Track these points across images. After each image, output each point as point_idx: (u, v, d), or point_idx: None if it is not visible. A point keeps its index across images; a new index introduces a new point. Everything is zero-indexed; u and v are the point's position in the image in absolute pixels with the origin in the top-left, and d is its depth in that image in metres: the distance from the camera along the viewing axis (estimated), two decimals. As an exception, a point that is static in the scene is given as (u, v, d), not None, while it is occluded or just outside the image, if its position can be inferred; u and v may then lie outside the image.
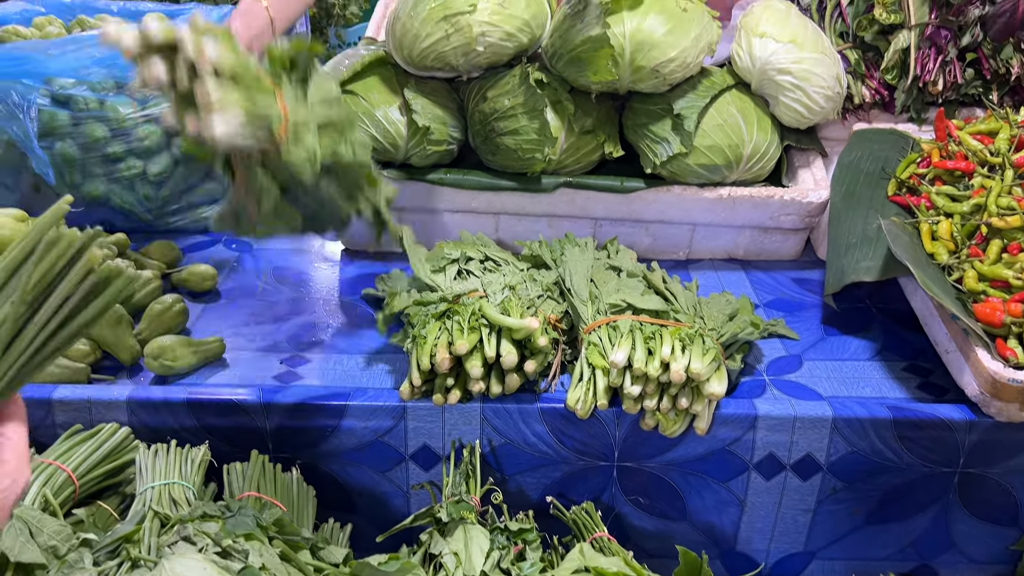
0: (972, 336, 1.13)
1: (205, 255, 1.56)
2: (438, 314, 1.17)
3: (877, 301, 1.43)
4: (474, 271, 1.29)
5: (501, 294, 1.20)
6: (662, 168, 1.45)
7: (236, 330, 1.35)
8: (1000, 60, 1.49)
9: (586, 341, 1.17)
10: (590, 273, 1.30)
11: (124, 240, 1.41)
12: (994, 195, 1.25)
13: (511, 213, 1.52)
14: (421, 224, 1.54)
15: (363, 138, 1.18)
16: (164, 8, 1.75)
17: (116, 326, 1.23)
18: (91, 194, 1.52)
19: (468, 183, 1.47)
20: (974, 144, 1.34)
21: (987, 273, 1.20)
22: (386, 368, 1.27)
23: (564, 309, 1.25)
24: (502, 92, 1.41)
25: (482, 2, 1.34)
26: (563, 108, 1.42)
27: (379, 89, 1.44)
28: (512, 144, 1.42)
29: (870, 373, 1.27)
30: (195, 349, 1.23)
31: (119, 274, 0.70)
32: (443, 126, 1.44)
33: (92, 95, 1.45)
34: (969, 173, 1.33)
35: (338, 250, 1.60)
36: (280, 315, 1.40)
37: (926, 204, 1.33)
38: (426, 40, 1.36)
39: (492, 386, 1.12)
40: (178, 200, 1.58)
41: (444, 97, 1.47)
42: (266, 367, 1.26)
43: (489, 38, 1.36)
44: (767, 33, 1.42)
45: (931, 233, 1.30)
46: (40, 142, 1.43)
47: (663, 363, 1.08)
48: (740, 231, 1.53)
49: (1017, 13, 1.42)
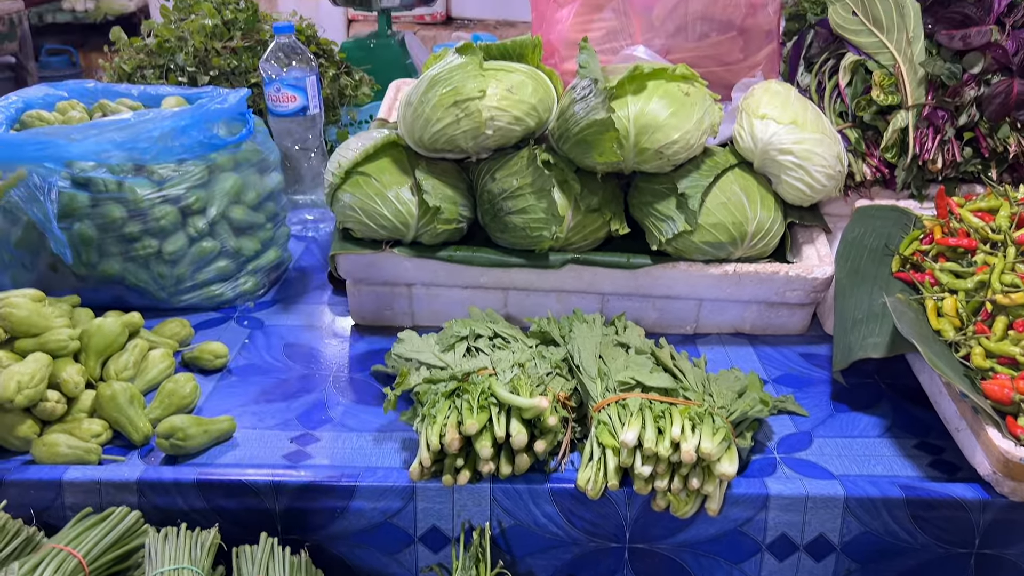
0: (982, 414, 1.13)
1: (217, 332, 1.58)
2: (447, 392, 1.17)
3: (886, 377, 1.44)
4: (483, 348, 1.31)
5: (510, 372, 1.20)
6: (668, 245, 1.47)
7: (247, 408, 1.36)
8: (997, 139, 1.52)
9: (596, 419, 1.17)
10: (598, 350, 1.31)
11: (139, 320, 1.43)
12: (997, 272, 1.26)
13: (520, 289, 1.54)
14: (431, 300, 1.56)
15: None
16: (183, 92, 1.81)
17: (128, 406, 1.24)
18: (106, 272, 1.54)
19: (478, 260, 1.50)
20: (976, 221, 1.36)
21: (994, 350, 1.20)
22: (396, 446, 1.27)
23: (573, 386, 1.26)
24: (510, 172, 1.45)
25: (491, 88, 1.39)
26: (570, 187, 1.46)
27: (391, 170, 1.47)
28: (520, 222, 1.45)
29: (881, 450, 1.26)
30: (206, 428, 1.23)
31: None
32: (453, 205, 1.47)
33: (111, 177, 1.49)
34: (972, 250, 1.35)
35: (348, 325, 1.62)
36: (290, 392, 1.41)
37: (930, 281, 1.35)
38: (437, 124, 1.40)
39: (502, 466, 1.12)
40: (191, 278, 1.60)
41: (454, 177, 1.51)
42: (276, 446, 1.27)
43: (498, 122, 1.40)
44: (768, 115, 1.46)
45: (936, 310, 1.31)
46: (59, 223, 1.47)
47: (673, 443, 1.08)
48: (747, 306, 1.54)
49: (1012, 94, 1.46)
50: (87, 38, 6.63)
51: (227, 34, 2.12)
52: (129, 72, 2.11)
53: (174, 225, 1.55)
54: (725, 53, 1.70)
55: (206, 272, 1.62)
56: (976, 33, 1.48)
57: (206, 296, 1.64)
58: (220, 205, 1.60)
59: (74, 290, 1.53)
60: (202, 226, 1.57)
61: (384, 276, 1.54)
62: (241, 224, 1.65)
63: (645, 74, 1.40)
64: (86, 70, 6.38)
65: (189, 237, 1.58)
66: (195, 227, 1.57)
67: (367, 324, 1.61)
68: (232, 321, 1.63)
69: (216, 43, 2.10)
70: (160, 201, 1.52)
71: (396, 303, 1.57)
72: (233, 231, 1.64)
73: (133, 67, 2.11)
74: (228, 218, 1.62)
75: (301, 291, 1.76)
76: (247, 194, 1.65)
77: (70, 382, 1.24)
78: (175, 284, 1.59)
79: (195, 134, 1.56)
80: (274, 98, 1.89)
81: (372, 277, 1.54)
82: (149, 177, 1.52)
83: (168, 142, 1.53)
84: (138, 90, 1.82)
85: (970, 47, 1.50)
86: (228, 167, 1.61)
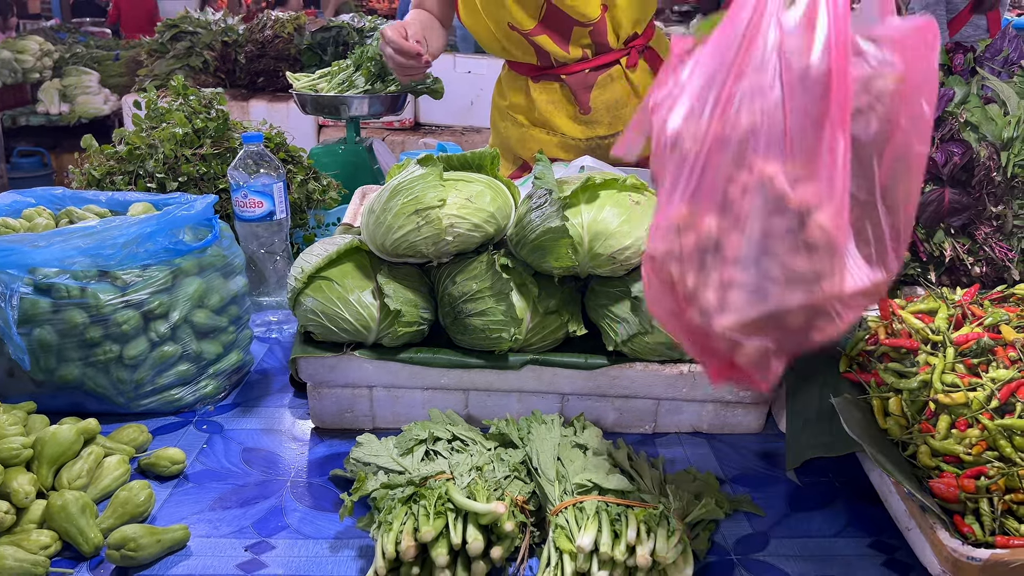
0: (929, 513, 1.15)
1: (175, 437, 1.57)
2: (404, 498, 1.17)
3: (839, 475, 1.46)
4: (442, 452, 1.31)
5: (468, 476, 1.21)
6: (623, 346, 1.51)
7: (202, 515, 1.34)
8: (933, 244, 1.60)
9: (553, 523, 1.17)
10: (556, 451, 1.33)
11: (95, 427, 1.41)
12: (938, 372, 1.31)
13: (481, 389, 1.55)
14: (392, 402, 1.57)
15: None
16: (150, 198, 1.84)
17: (80, 516, 1.22)
18: (65, 378, 1.54)
19: (438, 361, 1.52)
20: (916, 323, 1.42)
21: (939, 448, 1.24)
22: (352, 554, 1.25)
23: (531, 489, 1.26)
24: (470, 276, 1.49)
25: (451, 197, 1.45)
26: (528, 290, 1.50)
27: (353, 275, 1.51)
28: (480, 324, 1.48)
29: (836, 549, 1.27)
30: (159, 538, 1.21)
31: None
32: (414, 308, 1.50)
33: (75, 283, 1.50)
34: (914, 350, 1.40)
35: (309, 428, 1.61)
36: (247, 499, 1.39)
37: (876, 381, 1.39)
38: (399, 231, 1.45)
39: (458, 574, 1.11)
40: (151, 382, 1.60)
41: (415, 281, 1.54)
42: (231, 555, 1.25)
43: (457, 229, 1.45)
44: (716, 221, 1.52)
45: (883, 409, 1.35)
46: (19, 329, 1.47)
47: (629, 546, 1.09)
48: (703, 405, 1.57)
49: (944, 203, 1.55)
50: (59, 140, 6.72)
51: (197, 142, 2.18)
52: (99, 178, 2.15)
53: (136, 330, 1.55)
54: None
55: (166, 376, 1.62)
56: (907, 146, 1.57)
57: (166, 400, 1.63)
58: (183, 309, 1.61)
59: (31, 396, 1.52)
60: (164, 330, 1.58)
61: (345, 379, 1.55)
62: (204, 328, 1.66)
63: (597, 184, 1.47)
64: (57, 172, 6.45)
65: (151, 341, 1.58)
66: (157, 331, 1.58)
67: (327, 427, 1.61)
68: (191, 426, 1.62)
69: (186, 150, 2.15)
70: (123, 306, 1.53)
71: (357, 405, 1.58)
72: (195, 335, 1.65)
73: (103, 173, 2.15)
74: (190, 322, 1.64)
75: (262, 394, 1.76)
76: (211, 298, 1.66)
77: (20, 492, 1.22)
78: (135, 389, 1.59)
79: (161, 240, 1.59)
80: (241, 204, 1.93)
81: (333, 380, 1.55)
82: (112, 282, 1.54)
83: (133, 248, 1.55)
84: (106, 196, 1.85)
85: (902, 158, 1.59)
86: (193, 271, 1.64)
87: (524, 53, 2.22)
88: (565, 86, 2.25)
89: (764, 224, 0.95)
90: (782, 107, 0.96)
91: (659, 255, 1.01)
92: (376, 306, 1.49)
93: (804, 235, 0.94)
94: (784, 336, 0.98)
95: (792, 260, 0.95)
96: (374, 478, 1.27)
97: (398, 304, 1.47)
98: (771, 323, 0.97)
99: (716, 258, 0.97)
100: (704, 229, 0.97)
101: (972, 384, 1.28)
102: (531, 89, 2.28)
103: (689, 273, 0.99)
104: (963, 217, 1.57)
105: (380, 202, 1.47)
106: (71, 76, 6.83)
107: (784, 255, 0.95)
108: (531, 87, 2.28)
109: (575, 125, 2.29)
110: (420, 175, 1.46)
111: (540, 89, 2.28)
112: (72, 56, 6.99)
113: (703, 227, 0.97)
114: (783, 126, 0.95)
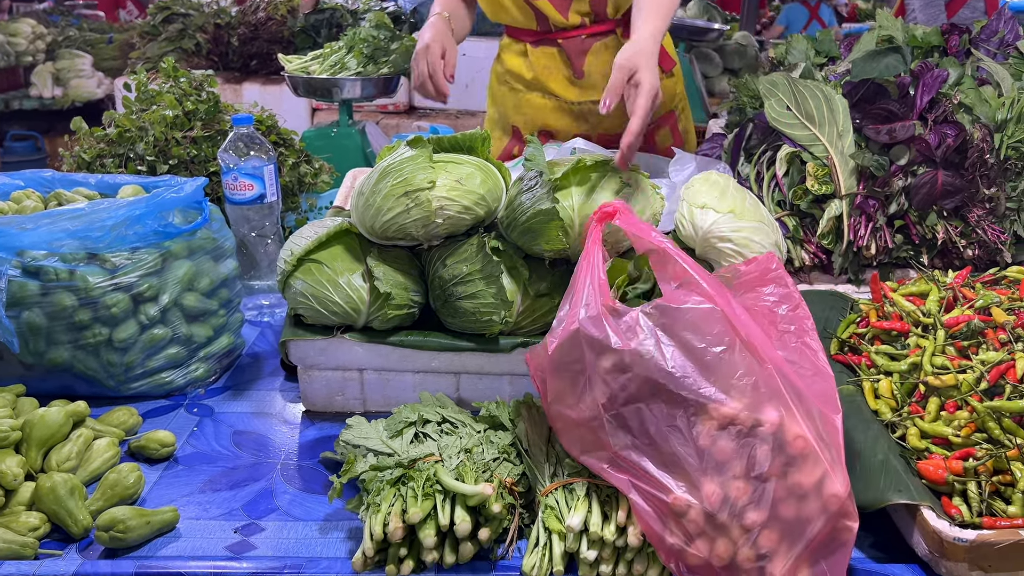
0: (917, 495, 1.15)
1: (166, 420, 1.57)
2: (392, 480, 1.17)
3: (829, 457, 1.46)
4: (431, 434, 1.31)
5: (456, 458, 1.21)
6: (615, 329, 1.50)
7: (192, 497, 1.34)
8: (926, 226, 1.60)
9: (543, 504, 1.17)
10: (548, 433, 1.32)
11: (84, 410, 1.41)
12: (928, 355, 1.31)
13: (472, 372, 1.55)
14: (382, 385, 1.56)
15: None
16: (140, 180, 1.83)
17: (68, 498, 1.21)
18: (54, 361, 1.53)
19: (429, 344, 1.52)
20: (907, 306, 1.42)
21: (928, 430, 1.24)
22: (341, 536, 1.25)
23: (521, 471, 1.26)
24: (460, 259, 1.48)
25: (440, 179, 1.44)
26: (518, 273, 1.49)
27: (343, 257, 1.50)
28: (471, 307, 1.47)
29: (825, 532, 1.27)
30: (148, 519, 1.21)
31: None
32: (404, 291, 1.50)
33: (63, 265, 1.49)
34: (905, 333, 1.40)
35: (299, 411, 1.61)
36: (237, 481, 1.39)
37: (867, 363, 1.39)
38: (388, 214, 1.44)
39: (446, 555, 1.11)
40: (141, 365, 1.60)
41: (405, 263, 1.54)
42: (220, 536, 1.25)
43: (447, 211, 1.45)
44: (707, 204, 1.52)
45: (873, 391, 1.35)
46: (8, 311, 1.46)
47: (619, 527, 1.09)
48: (694, 388, 1.57)
49: (937, 185, 1.54)
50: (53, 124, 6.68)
51: (187, 124, 2.17)
52: (88, 161, 2.14)
53: (125, 313, 1.55)
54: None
55: (156, 359, 1.61)
56: (901, 128, 1.57)
57: (156, 384, 1.63)
58: (173, 292, 1.60)
59: (20, 379, 1.52)
60: (154, 313, 1.58)
61: (335, 362, 1.54)
62: (193, 311, 1.65)
63: (587, 166, 1.46)
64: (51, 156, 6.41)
65: (140, 324, 1.57)
66: (146, 314, 1.57)
67: (318, 410, 1.60)
68: (182, 409, 1.61)
69: (176, 133, 2.14)
70: (112, 289, 1.53)
71: (348, 388, 1.58)
72: (185, 318, 1.64)
73: (93, 156, 2.14)
74: (180, 305, 1.63)
75: (253, 377, 1.75)
76: (200, 281, 1.66)
77: (8, 474, 1.22)
78: (125, 372, 1.58)
79: (150, 222, 1.58)
80: (232, 186, 1.92)
81: (323, 363, 1.55)
82: (101, 265, 1.53)
83: (122, 231, 1.54)
84: (96, 179, 1.84)
85: (896, 140, 1.59)
86: (182, 255, 1.63)
87: (525, 18, 2.28)
88: (562, 51, 2.31)
89: (750, 458, 1.05)
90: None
91: (688, 551, 1.06)
92: (366, 289, 1.48)
93: (788, 450, 1.04)
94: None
95: (790, 477, 1.04)
96: (363, 460, 1.26)
97: (388, 287, 1.46)
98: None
99: (727, 512, 1.04)
100: (706, 494, 1.05)
101: (962, 366, 1.29)
102: (530, 53, 2.36)
103: (716, 541, 1.05)
104: (956, 199, 1.56)
105: (369, 184, 1.46)
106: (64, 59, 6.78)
107: (779, 476, 1.04)
108: (530, 52, 2.36)
109: (569, 87, 2.33)
110: (409, 156, 1.45)
111: (538, 53, 2.35)
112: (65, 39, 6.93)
113: (704, 494, 1.05)
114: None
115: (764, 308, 1.20)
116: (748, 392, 1.07)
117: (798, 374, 1.11)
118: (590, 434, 1.15)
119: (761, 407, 1.06)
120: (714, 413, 1.06)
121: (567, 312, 1.18)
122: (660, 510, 1.06)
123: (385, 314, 1.48)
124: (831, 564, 1.03)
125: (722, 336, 1.10)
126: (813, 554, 1.03)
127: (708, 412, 1.06)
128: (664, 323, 1.13)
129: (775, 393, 1.06)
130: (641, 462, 1.08)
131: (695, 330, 1.11)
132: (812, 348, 1.17)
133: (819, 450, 1.04)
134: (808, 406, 1.07)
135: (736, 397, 1.06)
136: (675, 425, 1.07)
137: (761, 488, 1.03)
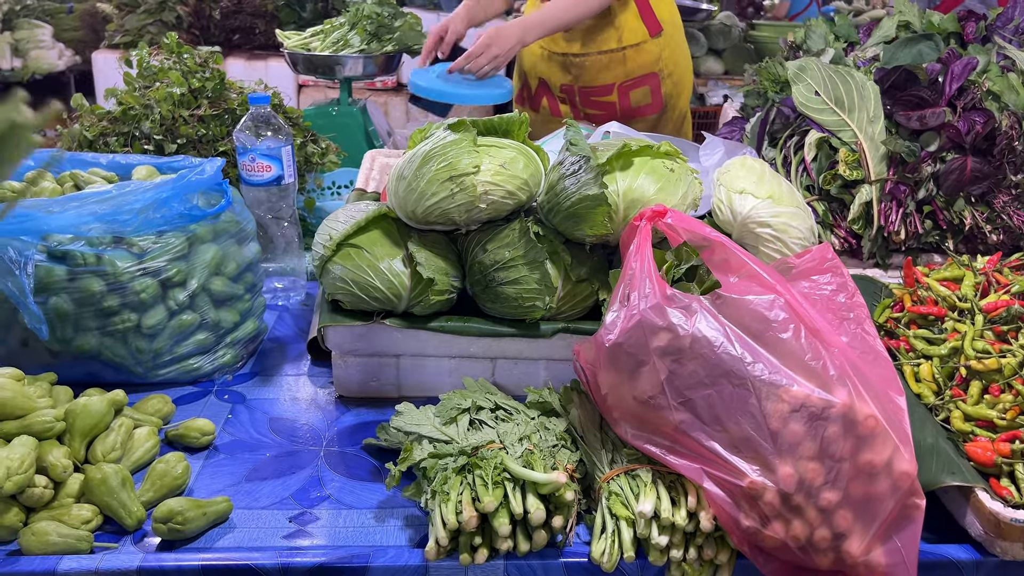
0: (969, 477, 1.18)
1: (197, 407, 1.54)
2: (458, 468, 1.17)
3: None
4: (487, 421, 1.31)
5: (520, 446, 1.21)
6: (655, 314, 1.51)
7: (239, 487, 1.32)
8: (954, 212, 1.63)
9: (606, 490, 1.18)
10: (599, 420, 1.33)
11: (123, 398, 1.38)
12: (969, 339, 1.34)
13: (509, 358, 1.55)
14: (417, 370, 1.55)
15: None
16: (152, 160, 1.78)
17: (121, 489, 1.19)
18: (82, 348, 1.49)
19: (469, 330, 1.51)
20: (943, 290, 1.45)
21: (972, 413, 1.27)
22: (399, 523, 1.25)
23: (579, 458, 1.27)
24: (502, 244, 1.47)
25: (485, 164, 1.42)
26: (560, 258, 1.49)
27: (382, 243, 1.48)
28: (513, 293, 1.47)
29: (871, 512, 1.30)
30: (204, 511, 1.19)
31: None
32: (445, 276, 1.48)
33: (90, 250, 1.45)
34: (941, 317, 1.43)
35: (331, 397, 1.59)
36: (282, 469, 1.37)
37: (905, 347, 1.42)
38: (432, 198, 1.42)
39: (520, 543, 1.11)
40: (170, 351, 1.56)
41: (444, 248, 1.52)
42: (276, 526, 1.23)
43: (492, 196, 1.43)
44: (746, 190, 1.53)
45: (914, 375, 1.38)
46: (35, 297, 1.41)
47: (689, 512, 1.10)
48: (728, 372, 1.58)
49: (966, 171, 1.57)
50: (14, 97, 6.43)
51: (194, 102, 2.11)
52: (91, 139, 2.07)
53: (154, 298, 1.51)
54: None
55: (185, 345, 1.58)
56: (931, 114, 1.59)
57: (184, 370, 1.59)
58: (200, 277, 1.57)
59: (46, 367, 1.47)
60: (183, 298, 1.54)
61: (374, 347, 1.53)
62: (221, 296, 1.62)
63: (632, 151, 1.46)
64: (12, 129, 6.18)
65: (169, 310, 1.54)
66: (175, 300, 1.54)
67: (352, 396, 1.59)
68: (212, 395, 1.58)
69: (183, 111, 2.08)
70: (140, 274, 1.49)
71: (383, 374, 1.56)
72: (213, 303, 1.61)
73: (95, 134, 2.07)
74: (208, 290, 1.59)
75: (279, 362, 1.73)
76: (227, 265, 1.62)
77: (58, 466, 1.19)
78: (153, 359, 1.55)
79: (176, 205, 1.54)
80: (249, 168, 1.88)
81: (361, 349, 1.53)
82: (128, 249, 1.49)
83: (150, 214, 1.50)
84: (107, 159, 1.78)
85: (926, 127, 1.61)
86: (208, 238, 1.59)
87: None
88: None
89: (823, 439, 1.07)
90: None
91: (764, 533, 1.08)
92: (407, 274, 1.46)
93: (858, 430, 1.06)
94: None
95: (862, 456, 1.06)
96: (419, 447, 1.25)
97: (430, 272, 1.45)
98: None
99: (802, 493, 1.06)
100: (782, 476, 1.06)
101: (1003, 350, 1.32)
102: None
103: (792, 522, 1.07)
104: (984, 185, 1.59)
105: (412, 168, 1.44)
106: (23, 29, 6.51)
107: (851, 456, 1.06)
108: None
109: (557, 38, 2.66)
110: (453, 140, 1.43)
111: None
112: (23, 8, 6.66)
113: (779, 477, 1.06)
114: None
115: (823, 297, 1.21)
116: (816, 374, 1.08)
117: (861, 358, 1.13)
118: (652, 422, 1.16)
119: (830, 388, 1.07)
120: (784, 396, 1.07)
121: (621, 306, 1.18)
122: (734, 494, 1.07)
123: (427, 299, 1.47)
124: (903, 540, 1.05)
125: (787, 323, 1.12)
126: (886, 531, 1.05)
127: (779, 395, 1.07)
128: (727, 312, 1.14)
129: (843, 375, 1.08)
130: (712, 447, 1.09)
131: (759, 318, 1.12)
132: (871, 334, 1.19)
133: (888, 429, 1.06)
134: (874, 388, 1.09)
135: (805, 379, 1.08)
136: (746, 409, 1.08)
137: (835, 468, 1.05)
